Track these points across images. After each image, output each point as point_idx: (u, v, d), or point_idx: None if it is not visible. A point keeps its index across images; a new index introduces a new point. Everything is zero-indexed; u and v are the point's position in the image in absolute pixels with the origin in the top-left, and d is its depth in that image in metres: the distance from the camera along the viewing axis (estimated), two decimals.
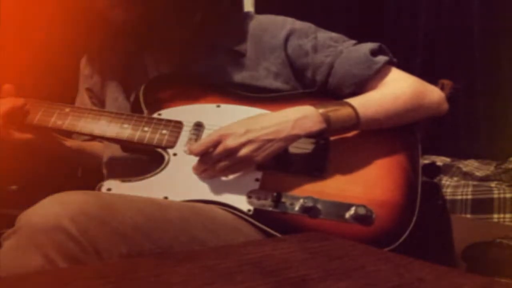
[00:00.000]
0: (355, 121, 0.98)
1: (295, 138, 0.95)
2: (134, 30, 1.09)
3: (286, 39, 1.10)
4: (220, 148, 0.93)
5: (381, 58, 1.07)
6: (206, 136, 0.96)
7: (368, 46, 1.08)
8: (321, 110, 0.96)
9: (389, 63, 1.08)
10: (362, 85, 1.06)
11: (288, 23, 1.13)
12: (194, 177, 0.96)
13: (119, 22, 1.05)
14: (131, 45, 1.16)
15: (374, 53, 1.07)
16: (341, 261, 0.61)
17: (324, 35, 1.11)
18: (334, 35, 1.12)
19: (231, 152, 0.93)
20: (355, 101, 1.00)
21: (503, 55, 2.17)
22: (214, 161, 0.94)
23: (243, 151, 0.92)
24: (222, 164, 0.94)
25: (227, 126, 0.95)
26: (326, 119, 0.96)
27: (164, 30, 1.10)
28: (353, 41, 1.11)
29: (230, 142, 0.92)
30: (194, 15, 1.09)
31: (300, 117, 0.95)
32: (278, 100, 1.07)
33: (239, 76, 1.09)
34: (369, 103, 1.00)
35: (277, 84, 1.09)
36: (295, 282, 0.52)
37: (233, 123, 0.96)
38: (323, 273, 0.55)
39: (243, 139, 0.92)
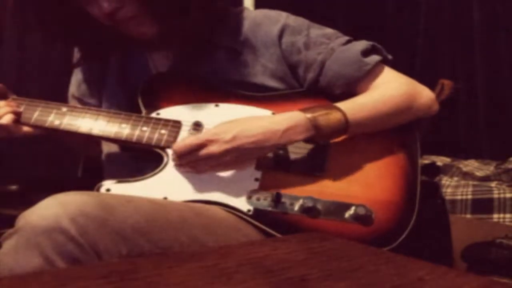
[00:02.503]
0: (344, 126, 0.97)
1: (280, 146, 0.96)
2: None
3: (280, 36, 1.09)
4: (203, 152, 0.93)
5: (372, 59, 1.06)
6: (192, 137, 0.96)
7: (360, 46, 1.07)
8: (309, 115, 0.96)
9: (383, 62, 1.08)
10: (352, 86, 1.06)
11: (282, 18, 1.12)
12: (194, 178, 0.96)
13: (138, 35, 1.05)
14: (131, 44, 1.15)
15: (366, 53, 1.06)
16: (341, 261, 0.60)
17: (317, 32, 1.10)
18: (327, 31, 1.11)
19: (213, 158, 0.93)
20: (344, 105, 0.99)
21: (503, 55, 2.17)
22: (194, 161, 0.94)
23: (226, 158, 0.93)
24: (202, 165, 0.94)
25: (215, 130, 0.94)
26: (315, 125, 0.95)
27: (162, 30, 1.10)
28: (347, 38, 1.10)
29: (215, 149, 0.92)
30: (190, 14, 1.08)
31: (290, 126, 0.94)
32: (276, 99, 1.07)
33: (237, 74, 1.09)
34: (358, 107, 1.00)
35: (274, 81, 1.09)
36: (295, 282, 0.51)
37: (222, 124, 0.95)
38: (323, 273, 0.55)
39: (228, 146, 0.92)
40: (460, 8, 2.30)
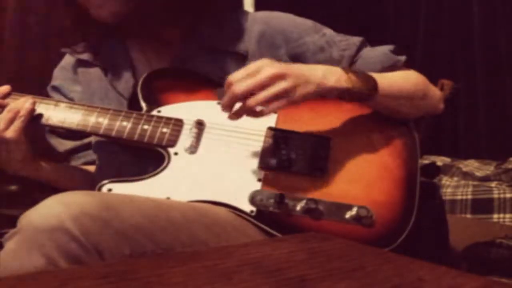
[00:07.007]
0: (373, 90, 0.96)
1: (324, 86, 0.92)
2: (128, 26, 1.09)
3: (296, 38, 1.09)
4: (259, 77, 0.87)
5: (401, 57, 1.10)
6: (242, 69, 0.90)
7: (386, 47, 1.10)
8: (344, 68, 0.96)
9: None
10: None
11: (291, 20, 1.12)
12: (196, 177, 0.96)
13: (108, 19, 1.05)
14: (129, 42, 1.15)
15: (392, 52, 1.10)
16: (341, 261, 0.61)
17: (330, 31, 1.13)
18: (331, 30, 1.14)
19: (268, 82, 0.87)
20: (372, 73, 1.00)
21: (503, 55, 2.17)
22: (246, 93, 0.88)
23: (282, 84, 0.88)
24: (259, 97, 0.88)
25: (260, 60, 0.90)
26: (350, 79, 0.94)
27: (159, 30, 1.10)
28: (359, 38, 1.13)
29: (269, 69, 0.87)
30: (186, 14, 1.08)
31: (328, 72, 0.93)
32: None
33: None
34: (384, 76, 1.01)
35: None
36: (295, 282, 0.52)
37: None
38: (323, 273, 0.55)
39: (281, 70, 0.88)
40: (459, 8, 2.30)
